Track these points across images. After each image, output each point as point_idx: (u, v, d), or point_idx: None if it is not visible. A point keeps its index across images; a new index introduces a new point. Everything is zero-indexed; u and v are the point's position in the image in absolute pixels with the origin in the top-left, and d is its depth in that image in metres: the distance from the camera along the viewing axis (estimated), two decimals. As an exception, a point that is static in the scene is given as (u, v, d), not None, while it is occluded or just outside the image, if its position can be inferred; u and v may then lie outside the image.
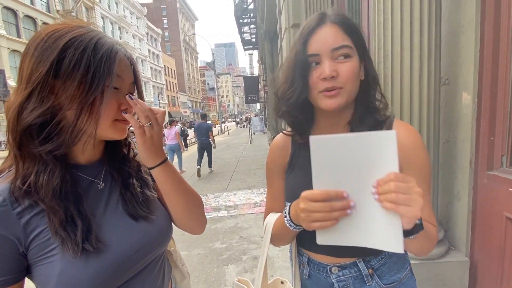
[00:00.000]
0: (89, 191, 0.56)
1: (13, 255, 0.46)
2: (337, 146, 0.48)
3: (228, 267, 2.50)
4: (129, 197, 0.60)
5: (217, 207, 4.12)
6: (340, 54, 0.59)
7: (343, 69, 0.59)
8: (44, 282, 0.48)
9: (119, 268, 0.53)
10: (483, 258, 1.57)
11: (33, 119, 0.47)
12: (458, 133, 1.65)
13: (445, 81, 1.69)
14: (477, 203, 1.58)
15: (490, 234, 1.50)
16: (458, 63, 1.60)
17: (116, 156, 0.62)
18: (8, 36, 17.79)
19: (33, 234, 0.48)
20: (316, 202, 0.49)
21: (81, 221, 0.50)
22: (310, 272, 0.73)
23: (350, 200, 0.49)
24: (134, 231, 0.57)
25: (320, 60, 0.60)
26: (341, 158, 0.48)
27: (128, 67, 0.55)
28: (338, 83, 0.59)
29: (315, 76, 0.61)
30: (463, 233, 1.66)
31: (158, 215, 0.63)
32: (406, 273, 0.70)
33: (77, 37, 0.49)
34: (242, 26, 13.86)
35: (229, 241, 3.01)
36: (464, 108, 1.59)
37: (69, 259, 0.48)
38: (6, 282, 0.46)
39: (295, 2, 4.04)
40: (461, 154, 1.64)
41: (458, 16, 1.58)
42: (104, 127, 0.53)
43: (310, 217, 0.50)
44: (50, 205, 0.47)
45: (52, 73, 0.47)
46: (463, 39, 1.56)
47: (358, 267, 0.67)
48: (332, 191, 0.49)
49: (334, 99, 0.60)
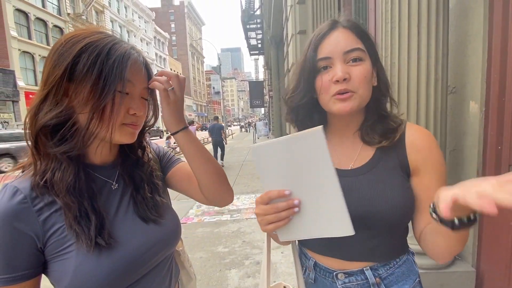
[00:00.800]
0: (103, 190, 0.58)
1: (31, 250, 0.48)
2: (274, 150, 0.51)
3: (231, 271, 2.49)
4: (140, 201, 0.61)
5: (220, 210, 4.12)
6: (353, 57, 0.59)
7: (356, 72, 0.59)
8: (59, 278, 0.50)
9: (130, 266, 0.55)
10: (489, 269, 1.54)
11: (47, 120, 0.49)
12: (465, 142, 1.65)
13: (452, 90, 1.69)
14: (484, 213, 1.56)
15: (496, 245, 1.48)
16: (465, 72, 1.60)
17: (129, 159, 0.64)
18: (19, 37, 18.18)
19: (51, 230, 0.49)
20: (264, 205, 0.52)
21: (95, 217, 0.52)
22: (316, 276, 0.72)
23: (294, 199, 0.51)
24: (144, 232, 0.59)
25: (332, 63, 0.60)
26: (281, 161, 0.51)
27: (140, 72, 0.56)
28: (350, 87, 0.59)
29: (327, 79, 0.60)
30: (470, 243, 1.64)
31: (167, 218, 0.65)
32: (414, 285, 0.68)
33: (93, 42, 0.50)
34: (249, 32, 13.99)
35: (232, 245, 3.00)
36: (472, 117, 1.58)
37: (84, 256, 0.49)
38: (24, 276, 0.48)
39: (302, 9, 4.09)
40: (468, 163, 1.63)
41: (465, 25, 1.58)
42: (112, 130, 0.54)
43: (264, 220, 0.52)
44: (64, 200, 0.49)
45: (66, 76, 0.49)
46: (471, 48, 1.56)
47: (365, 275, 0.65)
48: (274, 191, 0.51)
49: (347, 103, 0.59)
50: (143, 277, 0.58)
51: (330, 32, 0.61)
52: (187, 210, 4.24)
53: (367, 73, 0.59)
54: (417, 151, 0.62)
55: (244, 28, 13.36)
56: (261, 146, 0.52)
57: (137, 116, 0.56)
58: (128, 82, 0.53)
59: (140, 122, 0.59)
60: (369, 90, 0.61)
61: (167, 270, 0.66)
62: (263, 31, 13.22)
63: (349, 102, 0.59)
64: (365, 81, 0.59)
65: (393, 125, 0.64)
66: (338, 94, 0.59)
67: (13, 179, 0.51)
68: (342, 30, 0.61)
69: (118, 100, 0.52)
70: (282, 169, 0.51)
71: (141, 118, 0.59)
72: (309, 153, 0.48)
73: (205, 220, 3.78)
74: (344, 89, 0.59)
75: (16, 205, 0.47)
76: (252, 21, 12.98)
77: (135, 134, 0.58)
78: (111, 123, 0.52)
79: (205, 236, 3.25)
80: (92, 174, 0.57)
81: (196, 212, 4.12)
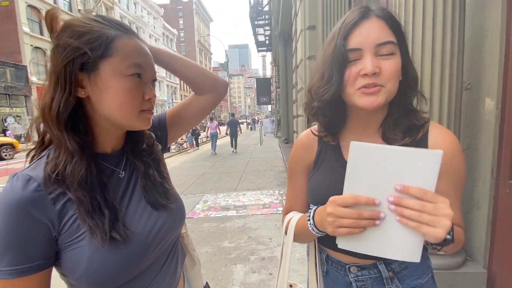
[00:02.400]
0: (112, 180, 0.58)
1: (47, 239, 0.48)
2: (378, 156, 0.47)
3: (236, 266, 2.50)
4: (150, 187, 0.61)
5: (226, 206, 4.14)
6: (385, 51, 0.55)
7: (386, 66, 0.55)
8: (73, 268, 0.49)
9: (143, 255, 0.55)
10: (501, 271, 1.51)
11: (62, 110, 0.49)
12: (479, 139, 1.60)
13: (467, 86, 1.65)
14: (497, 214, 1.52)
15: (510, 246, 1.44)
16: (481, 67, 1.56)
17: (138, 146, 0.64)
18: (32, 33, 18.55)
19: (65, 218, 0.49)
20: (345, 207, 0.49)
21: (108, 210, 0.51)
22: (328, 269, 0.72)
23: (380, 211, 0.48)
24: (154, 218, 0.59)
25: (362, 56, 0.56)
26: (380, 169, 0.47)
27: (147, 55, 0.56)
28: (379, 81, 0.55)
29: (355, 72, 0.56)
30: (482, 244, 1.60)
31: (173, 202, 0.65)
32: (427, 280, 0.67)
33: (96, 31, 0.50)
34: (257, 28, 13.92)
35: (237, 240, 3.01)
36: (487, 114, 1.54)
37: (98, 246, 0.49)
38: (39, 267, 0.47)
39: (312, 4, 4.03)
40: (482, 162, 1.59)
41: (482, 19, 1.53)
42: (131, 117, 0.54)
43: (337, 223, 0.49)
44: (76, 195, 0.49)
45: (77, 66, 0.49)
46: (488, 43, 1.51)
47: (378, 269, 0.65)
48: (363, 197, 0.47)
49: (375, 97, 0.56)
50: (152, 263, 0.59)
51: (362, 21, 0.56)
52: (193, 205, 4.27)
53: (398, 67, 0.56)
54: None
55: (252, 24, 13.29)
56: (366, 146, 0.48)
57: (151, 100, 0.56)
58: (138, 66, 0.53)
59: (152, 106, 0.58)
60: (397, 85, 0.58)
61: (174, 254, 0.67)
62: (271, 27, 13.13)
63: (377, 97, 0.56)
64: (396, 75, 0.56)
65: (419, 122, 0.61)
66: (364, 87, 0.56)
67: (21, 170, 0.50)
68: (375, 20, 0.56)
69: (135, 85, 0.52)
70: (377, 177, 0.48)
71: (154, 102, 0.58)
72: (416, 172, 0.46)
73: (211, 215, 3.80)
74: (373, 83, 0.55)
75: (31, 193, 0.46)
76: (261, 17, 12.90)
77: (150, 119, 0.58)
78: (133, 110, 0.52)
79: (211, 231, 3.27)
80: (101, 163, 0.57)
81: (203, 207, 4.15)
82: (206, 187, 5.44)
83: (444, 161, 0.57)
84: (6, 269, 0.45)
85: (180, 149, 12.52)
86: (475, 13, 1.58)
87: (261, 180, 5.76)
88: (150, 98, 0.55)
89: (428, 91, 1.47)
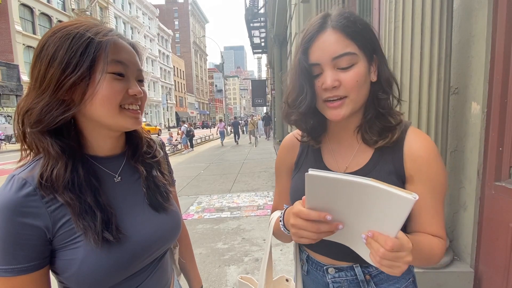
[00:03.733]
0: (107, 183, 0.57)
1: (41, 242, 0.48)
2: (335, 186, 0.45)
3: (230, 267, 2.51)
4: (152, 189, 0.62)
5: (220, 208, 4.14)
6: (343, 63, 0.56)
7: (346, 78, 0.56)
8: (65, 267, 0.50)
9: (138, 257, 0.55)
10: (488, 270, 1.55)
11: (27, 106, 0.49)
12: (466, 142, 1.65)
13: (454, 90, 1.69)
14: (483, 214, 1.57)
15: (495, 246, 1.48)
16: (468, 72, 1.60)
17: (139, 150, 0.64)
18: (24, 32, 18.28)
19: (60, 222, 0.49)
20: (306, 221, 0.49)
21: (100, 212, 0.51)
22: (309, 269, 0.74)
23: (338, 223, 0.49)
24: (154, 222, 0.60)
25: (322, 69, 0.57)
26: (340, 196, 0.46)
27: (130, 52, 0.55)
28: (341, 92, 0.57)
29: (318, 86, 0.58)
30: (468, 243, 1.65)
31: (174, 207, 0.66)
32: (407, 285, 0.67)
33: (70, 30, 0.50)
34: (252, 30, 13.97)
35: (231, 242, 3.02)
36: (473, 117, 1.58)
37: (92, 248, 0.49)
38: (34, 267, 0.48)
39: (306, 8, 4.09)
40: (468, 164, 1.64)
41: (469, 26, 1.58)
42: (114, 114, 0.52)
43: (298, 233, 0.51)
44: (64, 198, 0.49)
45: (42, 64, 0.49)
46: (474, 49, 1.56)
47: (354, 272, 0.66)
48: (314, 214, 0.48)
49: (338, 110, 0.58)
50: (148, 265, 0.60)
51: (318, 34, 0.57)
52: (187, 206, 4.26)
53: (359, 77, 0.56)
54: (413, 160, 0.60)
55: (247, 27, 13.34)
56: (320, 177, 0.44)
57: (137, 97, 0.55)
58: (120, 64, 0.52)
59: (142, 105, 0.58)
60: (363, 91, 0.59)
61: (167, 259, 0.68)
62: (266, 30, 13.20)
63: (341, 110, 0.58)
64: (357, 85, 0.56)
65: (392, 122, 0.61)
66: (328, 101, 0.58)
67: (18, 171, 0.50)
68: (330, 33, 0.56)
69: (117, 82, 0.51)
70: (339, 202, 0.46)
71: (142, 101, 0.58)
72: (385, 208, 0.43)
73: (205, 217, 3.79)
74: (334, 96, 0.57)
75: (24, 198, 0.46)
76: (256, 20, 12.95)
77: (138, 119, 0.57)
78: (115, 106, 0.52)
79: (205, 233, 3.27)
80: (97, 166, 0.57)
81: (197, 209, 4.14)
82: (200, 189, 5.42)
83: (417, 165, 0.59)
84: (4, 268, 0.46)
85: (174, 150, 12.47)
86: (463, 19, 1.63)
87: (255, 182, 5.77)
88: (135, 95, 0.54)
89: (416, 95, 1.52)
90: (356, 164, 0.65)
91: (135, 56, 0.56)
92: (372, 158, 0.63)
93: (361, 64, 0.57)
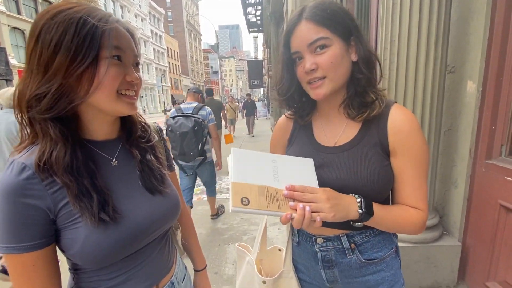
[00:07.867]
0: (104, 166, 0.59)
1: (44, 222, 0.51)
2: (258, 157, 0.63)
3: (229, 246, 2.60)
4: (147, 172, 0.63)
5: (219, 189, 4.21)
6: (317, 46, 0.63)
7: (321, 60, 0.63)
8: (70, 245, 0.53)
9: (136, 236, 0.58)
10: (474, 244, 1.62)
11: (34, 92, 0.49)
12: (460, 121, 1.66)
13: (451, 69, 1.68)
14: (473, 191, 1.62)
15: (483, 221, 1.55)
16: (466, 50, 1.59)
17: (133, 135, 0.65)
18: (8, 12, 17.43)
19: (61, 203, 0.52)
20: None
21: (96, 194, 0.53)
22: (299, 240, 0.80)
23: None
24: (150, 204, 0.62)
25: (302, 56, 0.66)
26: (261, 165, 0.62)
27: (126, 37, 0.55)
28: (319, 73, 0.64)
29: (300, 71, 0.67)
30: (458, 219, 1.71)
31: (171, 190, 0.68)
32: (390, 253, 0.73)
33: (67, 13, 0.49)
34: (248, 7, 13.45)
35: (230, 222, 3.11)
36: (468, 96, 1.59)
37: (91, 228, 0.52)
38: (40, 245, 0.51)
39: (303, -17, 3.92)
40: (461, 143, 1.66)
41: (469, 1, 1.54)
42: (110, 100, 0.53)
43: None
44: (62, 180, 0.51)
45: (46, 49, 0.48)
46: (473, 26, 1.53)
47: (341, 241, 0.72)
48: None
49: (319, 89, 0.66)
50: (148, 244, 0.63)
51: (295, 26, 0.66)
52: (186, 189, 4.32)
53: (333, 58, 0.63)
54: (395, 133, 0.66)
55: (242, 4, 12.83)
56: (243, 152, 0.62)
57: (133, 83, 0.56)
58: (117, 49, 0.53)
59: (137, 91, 0.59)
60: (342, 70, 0.65)
61: (167, 238, 0.71)
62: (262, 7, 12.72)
63: (321, 89, 0.66)
64: (333, 66, 0.64)
65: (371, 98, 0.68)
66: (310, 83, 0.67)
67: (18, 155, 0.51)
68: (304, 23, 0.64)
69: (114, 67, 0.52)
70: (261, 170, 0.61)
71: (138, 87, 0.58)
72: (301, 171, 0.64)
73: (204, 199, 3.87)
74: (314, 78, 0.65)
75: (25, 181, 0.48)
76: (251, -4, 12.44)
77: (134, 104, 0.58)
78: (112, 91, 0.52)
79: (205, 214, 3.35)
80: (94, 151, 0.58)
81: (196, 191, 4.21)
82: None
83: (399, 137, 0.65)
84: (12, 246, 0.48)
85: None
86: (463, -6, 1.58)
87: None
88: (132, 81, 0.55)
89: (413, 73, 1.51)
90: (345, 138, 0.71)
91: (131, 42, 0.57)
92: (359, 132, 0.70)
93: (335, 47, 0.64)
